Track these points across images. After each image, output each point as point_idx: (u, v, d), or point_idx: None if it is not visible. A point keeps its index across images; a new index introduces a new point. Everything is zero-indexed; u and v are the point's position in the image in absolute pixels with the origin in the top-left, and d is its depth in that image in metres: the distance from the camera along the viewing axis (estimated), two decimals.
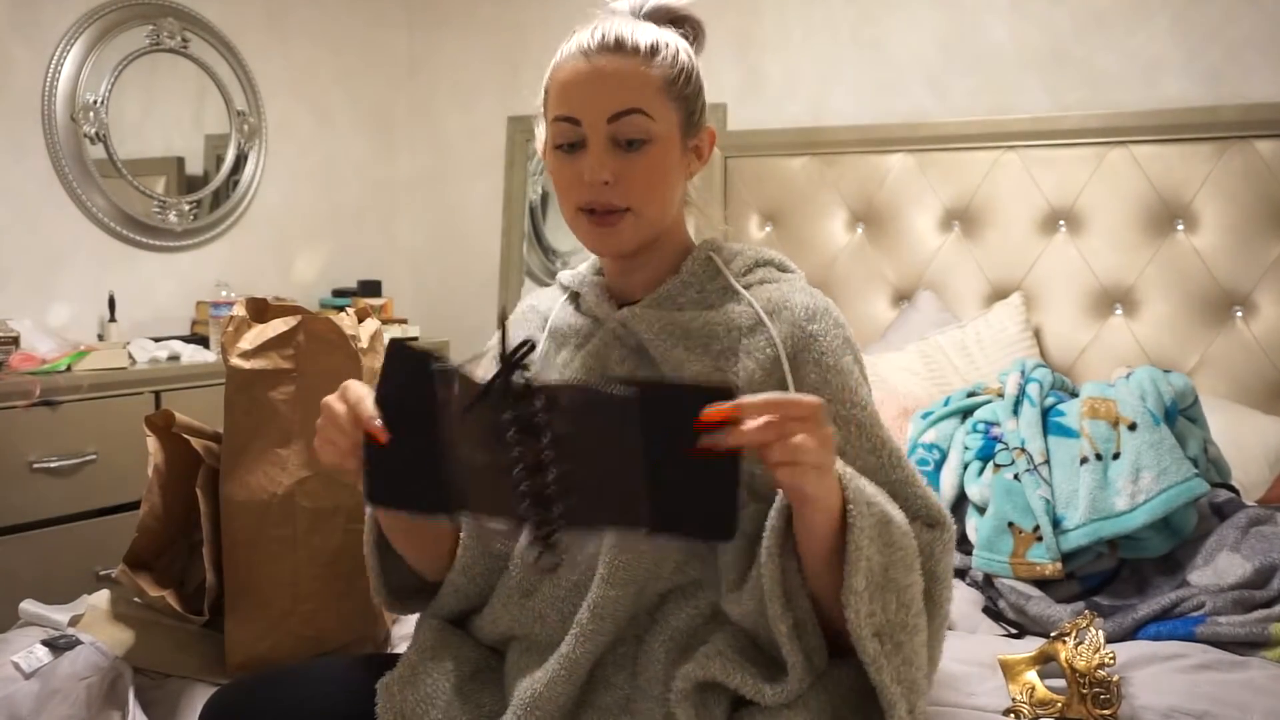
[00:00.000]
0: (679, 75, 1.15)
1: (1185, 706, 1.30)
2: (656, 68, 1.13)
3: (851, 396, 1.11)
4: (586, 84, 1.12)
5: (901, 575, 1.03)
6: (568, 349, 1.23)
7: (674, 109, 1.15)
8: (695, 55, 1.20)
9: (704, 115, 1.20)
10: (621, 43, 1.13)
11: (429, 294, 3.67)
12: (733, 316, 1.14)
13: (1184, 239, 2.46)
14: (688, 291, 1.18)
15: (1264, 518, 1.71)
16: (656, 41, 1.14)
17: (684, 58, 1.16)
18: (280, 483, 1.50)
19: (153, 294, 2.92)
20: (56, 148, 2.68)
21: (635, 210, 1.14)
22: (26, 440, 2.24)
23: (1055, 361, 2.56)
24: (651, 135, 1.13)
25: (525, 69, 3.38)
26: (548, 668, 1.09)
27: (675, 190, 1.17)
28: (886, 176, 2.78)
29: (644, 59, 1.13)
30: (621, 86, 1.12)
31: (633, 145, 1.12)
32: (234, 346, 1.54)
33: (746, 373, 1.11)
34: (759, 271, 1.21)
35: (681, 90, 1.15)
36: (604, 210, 1.14)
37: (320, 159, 3.39)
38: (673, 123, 1.15)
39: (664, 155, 1.14)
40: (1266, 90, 2.42)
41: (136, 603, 1.59)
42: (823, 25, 2.94)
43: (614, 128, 1.12)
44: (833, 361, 1.11)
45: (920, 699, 1.05)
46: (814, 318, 1.13)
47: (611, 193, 1.13)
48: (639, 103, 1.12)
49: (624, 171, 1.13)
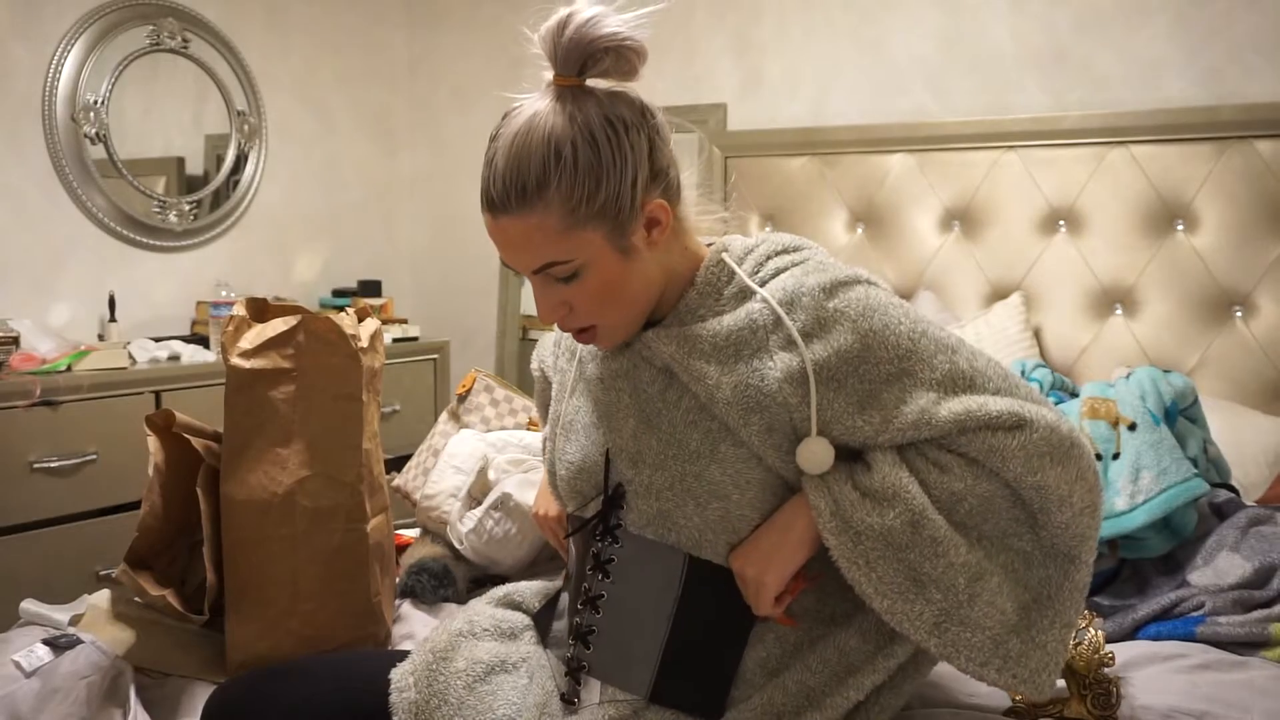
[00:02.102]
0: (582, 195, 1.04)
1: (1185, 706, 1.30)
2: (552, 205, 1.04)
3: (894, 352, 1.07)
4: (498, 243, 1.09)
5: (931, 565, 1.05)
6: (598, 363, 1.21)
7: (591, 229, 1.06)
8: (624, 96, 1.09)
9: (639, 193, 1.08)
10: (505, 201, 1.05)
11: (429, 294, 3.67)
12: (753, 316, 1.11)
13: (1184, 239, 2.46)
14: (705, 302, 1.15)
15: (1264, 518, 1.71)
16: (542, 172, 1.03)
17: (586, 159, 1.04)
18: (280, 482, 1.50)
19: (153, 294, 2.92)
20: (57, 148, 2.68)
21: (600, 324, 1.13)
22: (26, 440, 2.25)
23: (1055, 361, 2.56)
24: (576, 269, 1.08)
25: (526, 69, 3.38)
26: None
27: (635, 286, 1.11)
28: (886, 176, 2.78)
29: (533, 205, 1.04)
30: (524, 247, 1.07)
31: (568, 279, 1.09)
32: (234, 346, 1.54)
33: (783, 365, 1.08)
34: (773, 262, 1.17)
35: (590, 206, 1.05)
36: (575, 330, 1.14)
37: (320, 159, 3.39)
38: (595, 243, 1.07)
39: (602, 274, 1.08)
40: (1266, 90, 2.42)
41: (137, 602, 1.60)
42: (823, 25, 2.94)
43: (541, 276, 1.10)
44: (866, 325, 1.08)
45: (1019, 636, 1.06)
46: (833, 293, 1.10)
47: (571, 319, 1.13)
48: (546, 256, 1.07)
49: (571, 300, 1.11)
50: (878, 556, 1.05)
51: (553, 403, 1.31)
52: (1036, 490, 1.06)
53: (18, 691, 1.35)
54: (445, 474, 1.99)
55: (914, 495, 1.06)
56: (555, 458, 1.25)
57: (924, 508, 1.06)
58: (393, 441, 2.57)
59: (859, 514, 1.06)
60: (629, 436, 1.14)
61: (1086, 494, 1.07)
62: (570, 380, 1.26)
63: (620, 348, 1.19)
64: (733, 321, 1.12)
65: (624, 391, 1.17)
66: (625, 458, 1.14)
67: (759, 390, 1.08)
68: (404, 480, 2.13)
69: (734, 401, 1.09)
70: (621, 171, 1.06)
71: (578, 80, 1.08)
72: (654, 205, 1.10)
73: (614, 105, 1.07)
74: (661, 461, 1.12)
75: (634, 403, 1.16)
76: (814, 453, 1.07)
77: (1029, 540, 1.09)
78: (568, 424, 1.23)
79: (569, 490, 1.22)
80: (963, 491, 1.07)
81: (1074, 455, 1.07)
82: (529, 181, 1.04)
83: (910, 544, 1.05)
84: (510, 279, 3.42)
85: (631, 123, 1.07)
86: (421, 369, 3.18)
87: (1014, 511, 1.09)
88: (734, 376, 1.10)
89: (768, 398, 1.08)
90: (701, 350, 1.11)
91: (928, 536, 1.05)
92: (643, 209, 1.09)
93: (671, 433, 1.12)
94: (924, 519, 1.05)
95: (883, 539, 1.05)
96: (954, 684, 1.35)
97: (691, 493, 1.10)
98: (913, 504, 1.05)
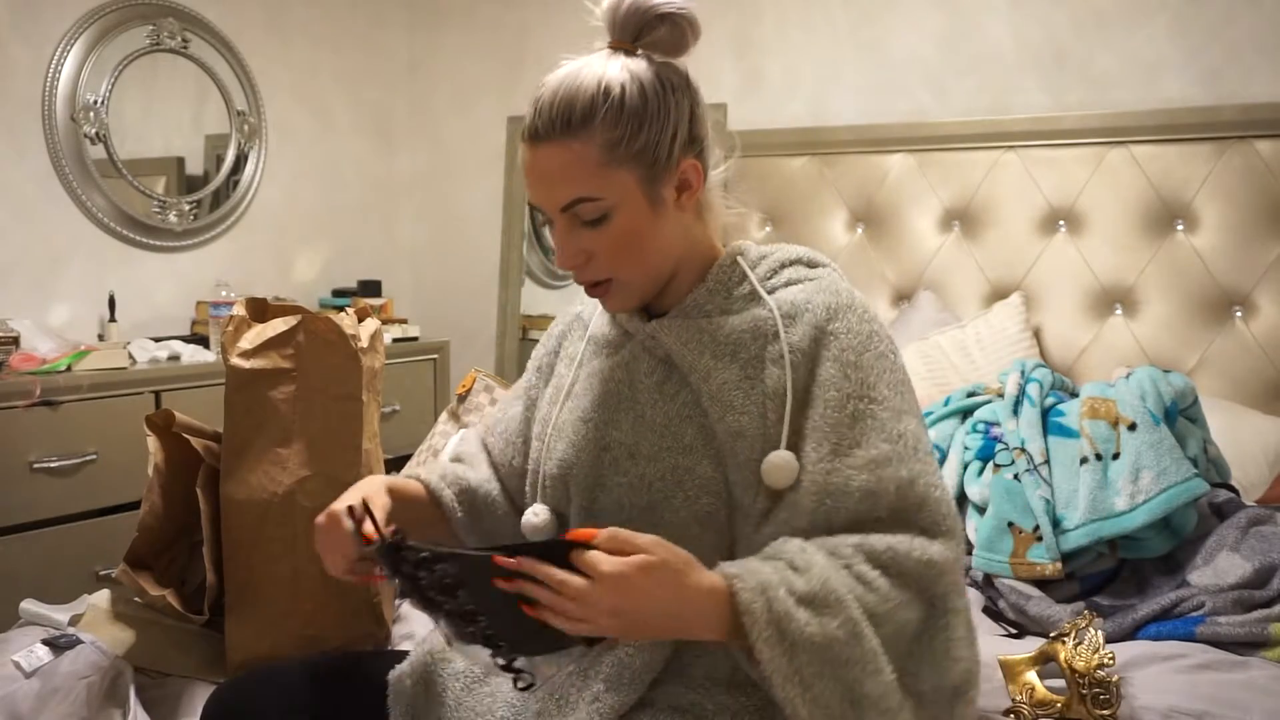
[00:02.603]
0: (625, 133, 1.07)
1: (1185, 706, 1.30)
2: (595, 137, 1.07)
3: (869, 392, 1.08)
4: (533, 177, 1.11)
5: (871, 683, 0.96)
6: (599, 359, 1.22)
7: (627, 170, 1.08)
8: (673, 65, 1.13)
9: (677, 149, 1.11)
10: (550, 128, 1.08)
11: (429, 294, 3.67)
12: (758, 322, 1.13)
13: (1184, 239, 2.46)
14: (714, 299, 1.16)
15: (1264, 518, 1.71)
16: (590, 101, 1.07)
17: (633, 102, 1.08)
18: (280, 482, 1.50)
19: (153, 294, 2.92)
20: (57, 148, 2.68)
21: (618, 279, 1.14)
22: (26, 440, 2.25)
23: (1055, 361, 2.56)
24: (605, 210, 1.09)
25: (525, 69, 3.39)
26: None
27: (657, 243, 1.13)
28: (886, 176, 2.78)
29: (576, 134, 1.07)
30: (559, 179, 1.09)
31: (594, 223, 1.10)
32: (234, 346, 1.54)
33: (772, 379, 1.10)
34: (786, 272, 1.18)
35: (631, 147, 1.08)
36: (590, 283, 1.15)
37: (320, 159, 3.39)
38: (628, 186, 1.09)
39: (628, 222, 1.10)
40: (1266, 90, 2.42)
41: (137, 602, 1.59)
42: (823, 25, 2.94)
43: (569, 215, 1.11)
44: (853, 358, 1.08)
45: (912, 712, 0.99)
46: (835, 315, 1.10)
47: (589, 269, 1.13)
48: (579, 190, 1.08)
49: (592, 247, 1.11)
50: (814, 674, 0.94)
51: (545, 404, 1.28)
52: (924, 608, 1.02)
53: (17, 692, 1.35)
54: None
55: (852, 604, 0.97)
56: (544, 457, 1.23)
57: (862, 618, 0.97)
58: (393, 441, 2.57)
59: (797, 623, 0.94)
60: (627, 429, 1.15)
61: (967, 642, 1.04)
62: (567, 385, 1.25)
63: (623, 340, 1.20)
64: (739, 323, 1.13)
65: (623, 383, 1.17)
66: (623, 451, 1.14)
67: (745, 395, 1.10)
68: None
69: (717, 396, 1.10)
70: (664, 122, 1.10)
71: (631, 46, 1.13)
72: (688, 164, 1.13)
73: (664, 68, 1.13)
74: (655, 454, 1.12)
75: (632, 395, 1.16)
76: (777, 466, 1.06)
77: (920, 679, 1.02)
78: (560, 425, 1.22)
79: (553, 489, 1.20)
80: (884, 615, 0.99)
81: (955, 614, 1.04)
82: (575, 112, 1.07)
83: (850, 658, 0.95)
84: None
85: (678, 85, 1.13)
86: (421, 369, 3.18)
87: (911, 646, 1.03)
88: (725, 374, 1.11)
89: (749, 403, 1.09)
90: (703, 344, 1.13)
91: (870, 649, 0.96)
92: (678, 165, 1.12)
93: (666, 425, 1.12)
94: (864, 629, 0.97)
95: (822, 652, 0.94)
96: None
97: (682, 486, 1.10)
98: (852, 613, 0.97)
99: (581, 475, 1.17)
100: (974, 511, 1.84)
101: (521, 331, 3.43)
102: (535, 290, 3.46)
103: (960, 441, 1.95)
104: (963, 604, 1.06)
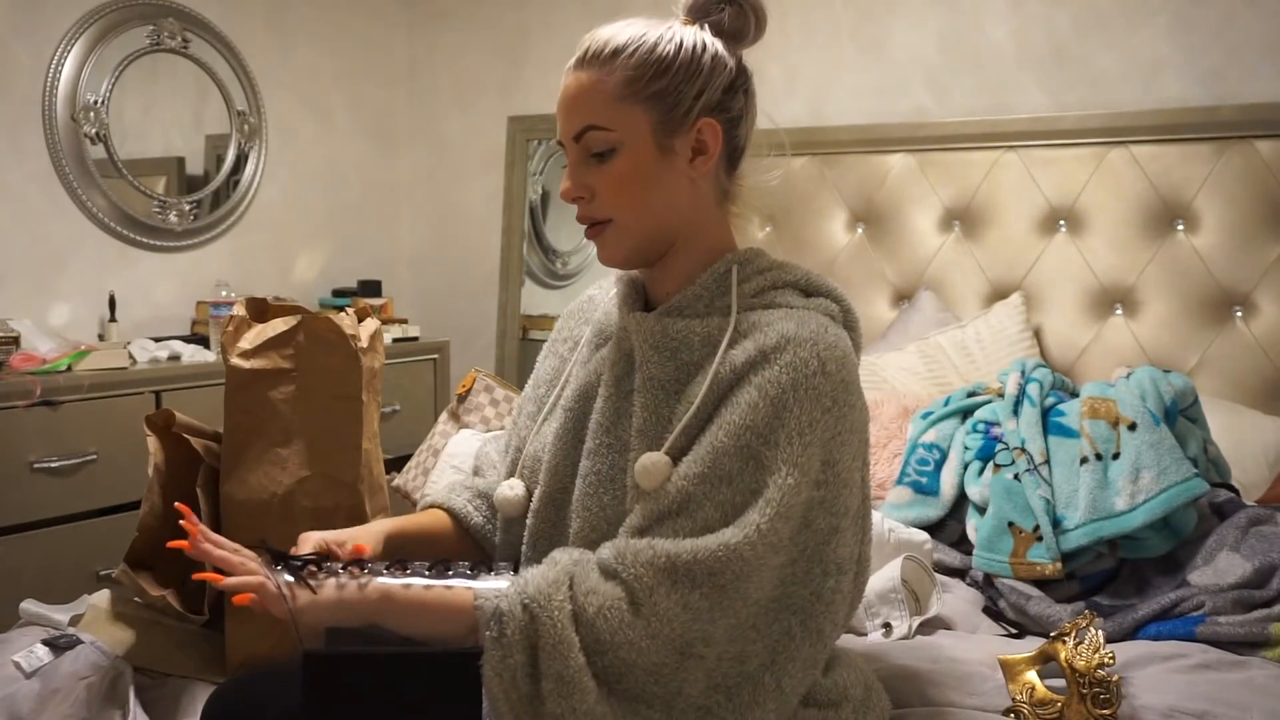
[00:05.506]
0: (645, 74, 1.10)
1: (1185, 706, 1.30)
2: (617, 72, 1.10)
3: (771, 434, 1.02)
4: (559, 105, 1.15)
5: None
6: (590, 348, 1.24)
7: (641, 109, 1.10)
8: (729, 42, 1.16)
9: (699, 107, 1.12)
10: (586, 54, 1.12)
11: (429, 294, 3.67)
12: (713, 331, 1.12)
13: (1184, 239, 2.46)
14: (697, 304, 1.15)
15: (1264, 518, 1.71)
16: (625, 42, 1.11)
17: (664, 50, 1.11)
18: (280, 482, 1.50)
19: (153, 294, 2.92)
20: (57, 148, 2.68)
21: (616, 221, 1.14)
22: (26, 440, 2.25)
23: (1055, 361, 2.56)
24: (613, 144, 1.11)
25: (526, 69, 3.39)
26: None
27: (658, 194, 1.13)
28: (886, 176, 2.78)
29: (604, 66, 1.11)
30: (578, 104, 1.12)
31: (601, 157, 1.12)
32: (234, 346, 1.54)
33: (695, 387, 1.09)
34: (775, 293, 1.15)
35: (649, 88, 1.10)
36: (589, 223, 1.16)
37: (320, 159, 3.39)
38: (639, 126, 1.11)
39: (632, 161, 1.11)
40: (1266, 90, 2.42)
41: (137, 602, 1.59)
42: (823, 25, 2.94)
43: (581, 145, 1.13)
44: (775, 391, 1.03)
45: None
46: (786, 345, 1.05)
47: (590, 206, 1.14)
48: (591, 118, 1.11)
49: (595, 183, 1.13)
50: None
51: (546, 385, 1.30)
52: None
53: (17, 692, 1.35)
54: (445, 474, 1.99)
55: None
56: (531, 436, 1.25)
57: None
58: (393, 441, 2.57)
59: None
60: (592, 423, 1.16)
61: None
62: (567, 369, 1.27)
63: (608, 334, 1.21)
64: (700, 328, 1.13)
65: (595, 376, 1.19)
66: (590, 444, 1.15)
67: (665, 395, 1.11)
68: (404, 480, 2.13)
69: (641, 390, 1.11)
70: (690, 76, 1.12)
71: (696, 24, 1.15)
72: (705, 123, 1.13)
73: (716, 42, 1.15)
74: (597, 449, 1.14)
75: (599, 388, 1.18)
76: (645, 467, 1.06)
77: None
78: (554, 410, 1.24)
79: (529, 469, 1.22)
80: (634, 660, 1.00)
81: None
82: (608, 48, 1.11)
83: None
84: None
85: (720, 58, 1.14)
86: (421, 369, 3.18)
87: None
88: (658, 372, 1.12)
89: (662, 405, 1.10)
90: (662, 344, 1.13)
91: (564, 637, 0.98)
92: (695, 121, 1.12)
93: (614, 422, 1.14)
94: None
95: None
96: (954, 684, 1.35)
97: (614, 484, 1.11)
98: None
99: (552, 464, 1.18)
100: (974, 511, 1.84)
101: (522, 331, 3.43)
102: (535, 290, 3.46)
103: (960, 441, 1.95)
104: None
